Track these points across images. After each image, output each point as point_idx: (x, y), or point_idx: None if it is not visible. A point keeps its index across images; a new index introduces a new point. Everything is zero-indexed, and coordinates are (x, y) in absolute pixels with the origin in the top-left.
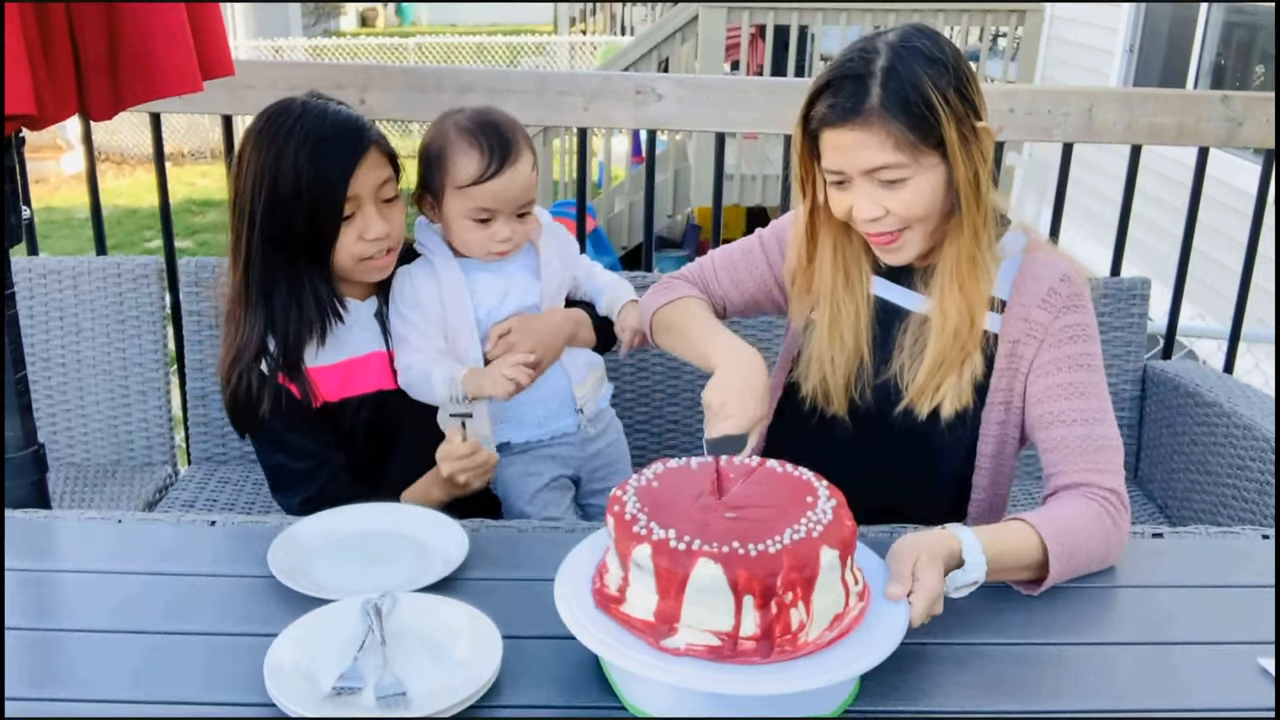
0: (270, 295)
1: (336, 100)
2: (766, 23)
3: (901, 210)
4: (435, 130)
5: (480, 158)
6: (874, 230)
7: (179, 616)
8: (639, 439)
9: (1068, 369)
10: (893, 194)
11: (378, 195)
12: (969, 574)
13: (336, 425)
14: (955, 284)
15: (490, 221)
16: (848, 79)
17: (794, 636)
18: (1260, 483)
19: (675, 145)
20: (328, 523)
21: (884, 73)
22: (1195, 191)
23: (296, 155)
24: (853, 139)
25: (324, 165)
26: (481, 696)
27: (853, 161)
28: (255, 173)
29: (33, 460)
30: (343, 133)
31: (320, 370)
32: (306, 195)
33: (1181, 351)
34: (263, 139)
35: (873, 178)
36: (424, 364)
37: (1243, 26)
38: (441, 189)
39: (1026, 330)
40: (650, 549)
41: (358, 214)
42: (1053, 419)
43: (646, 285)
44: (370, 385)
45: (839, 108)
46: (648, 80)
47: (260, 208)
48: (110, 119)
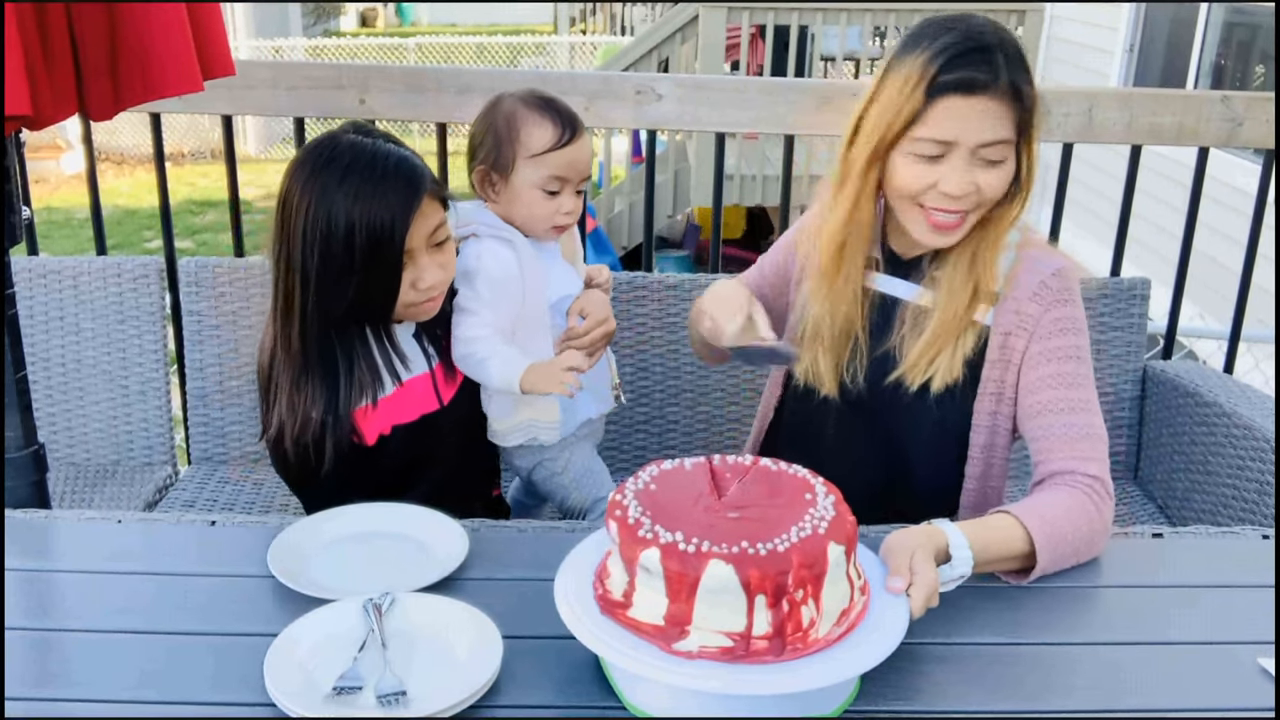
0: (329, 360)
1: (382, 134)
2: (766, 23)
3: (989, 190)
4: (494, 109)
5: (554, 126)
6: (948, 207)
7: (179, 616)
8: (639, 439)
9: (1057, 360)
10: (987, 173)
11: (430, 241)
12: (956, 568)
13: (386, 458)
14: (971, 267)
15: (559, 194)
16: (984, 49)
17: (805, 634)
18: (1260, 483)
19: (675, 145)
20: (328, 523)
21: (1006, 47)
22: (1195, 191)
23: (351, 209)
24: (982, 109)
25: (381, 219)
26: (481, 696)
27: (973, 132)
28: (306, 227)
29: (33, 460)
30: (399, 182)
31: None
32: (363, 250)
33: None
34: (310, 190)
35: (978, 153)
36: (487, 346)
37: (1243, 26)
38: (512, 160)
39: (1018, 323)
40: (659, 553)
41: (410, 264)
42: (1041, 408)
43: (646, 285)
44: (414, 411)
45: (982, 73)
46: (648, 80)
47: (314, 265)
48: (110, 119)
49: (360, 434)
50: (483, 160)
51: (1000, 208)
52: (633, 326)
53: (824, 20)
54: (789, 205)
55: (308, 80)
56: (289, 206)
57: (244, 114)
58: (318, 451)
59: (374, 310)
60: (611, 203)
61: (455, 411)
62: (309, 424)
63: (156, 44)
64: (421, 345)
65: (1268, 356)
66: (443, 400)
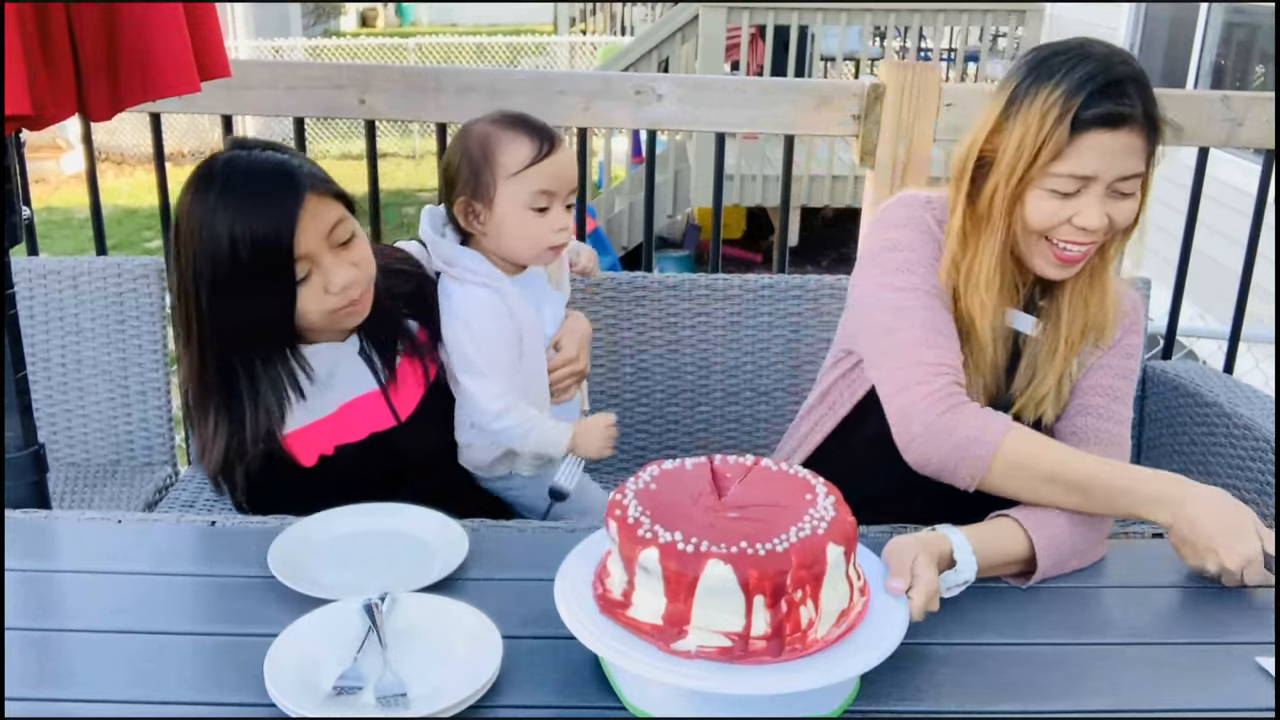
0: (231, 387)
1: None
2: (766, 23)
3: (1121, 221)
4: (466, 136)
5: (530, 140)
6: (1079, 240)
7: (179, 616)
8: (639, 439)
9: (1112, 374)
10: (1119, 205)
11: (331, 241)
12: (960, 574)
13: (330, 476)
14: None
15: (549, 209)
16: (1120, 81)
17: (804, 634)
18: (1260, 483)
19: (675, 145)
20: (328, 523)
21: (1138, 79)
22: (1195, 191)
23: (231, 225)
24: (1125, 144)
25: (262, 229)
26: (481, 696)
27: (1114, 166)
28: (194, 253)
29: (33, 460)
30: (275, 187)
31: (311, 428)
32: (250, 267)
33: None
34: (192, 213)
35: (1113, 186)
36: (519, 417)
37: (1243, 26)
38: (492, 185)
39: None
40: (658, 552)
41: (314, 270)
42: (1080, 409)
43: (646, 285)
44: (363, 430)
45: (1123, 110)
46: (648, 80)
47: (204, 290)
48: (109, 119)
49: (293, 456)
50: (461, 190)
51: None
52: (633, 326)
53: (824, 20)
54: (789, 205)
55: (308, 80)
56: (179, 233)
57: (244, 114)
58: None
59: (275, 328)
60: (611, 203)
61: (418, 427)
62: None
63: (155, 44)
64: (369, 361)
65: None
66: (399, 416)
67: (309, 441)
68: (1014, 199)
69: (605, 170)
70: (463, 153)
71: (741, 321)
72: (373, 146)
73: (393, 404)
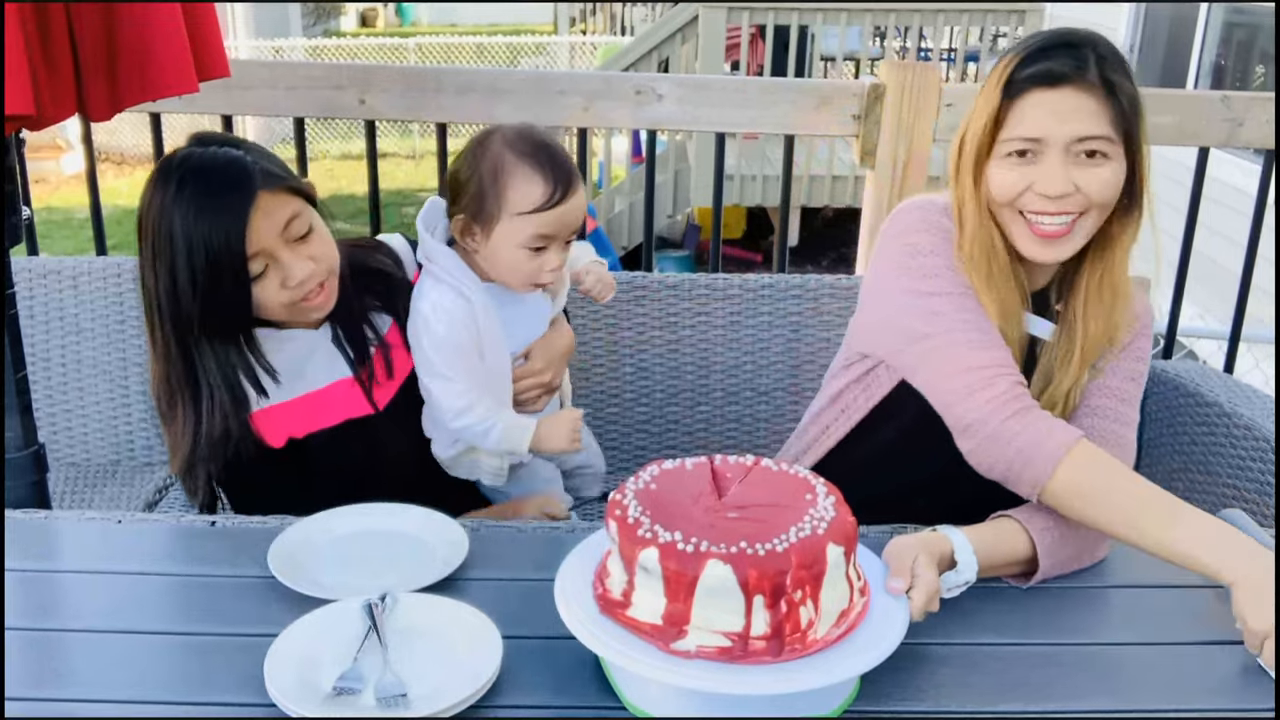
0: (194, 384)
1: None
2: (766, 23)
3: (1093, 190)
4: (480, 152)
5: (544, 184)
6: (1051, 209)
7: (179, 616)
8: (639, 439)
9: (1121, 378)
10: (1088, 170)
11: (286, 237)
12: (961, 574)
13: (304, 463)
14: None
15: (544, 250)
16: (1069, 45)
17: (803, 635)
18: (1260, 483)
19: (675, 145)
20: (328, 523)
21: (1100, 48)
22: (1195, 191)
23: (185, 225)
24: (1071, 102)
25: (211, 229)
26: (481, 696)
27: (1063, 127)
28: (152, 251)
29: (33, 460)
30: (225, 187)
31: (279, 408)
32: (204, 266)
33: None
34: (150, 212)
35: (1073, 150)
36: (481, 414)
37: (1243, 26)
38: (495, 216)
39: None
40: (658, 552)
41: (271, 265)
42: (1090, 410)
43: (646, 285)
44: (338, 415)
45: (1066, 66)
46: (648, 80)
47: (161, 289)
48: (109, 119)
49: (260, 437)
50: (464, 208)
51: (1116, 223)
52: (633, 326)
53: (824, 20)
54: (789, 205)
55: (307, 80)
56: (140, 229)
57: (244, 114)
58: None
59: (231, 323)
60: (611, 203)
61: (395, 418)
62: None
63: (153, 45)
64: (342, 348)
65: (1268, 356)
66: (376, 405)
67: (276, 422)
68: (978, 174)
69: (605, 170)
70: (474, 171)
71: (741, 321)
72: (373, 146)
73: (370, 393)
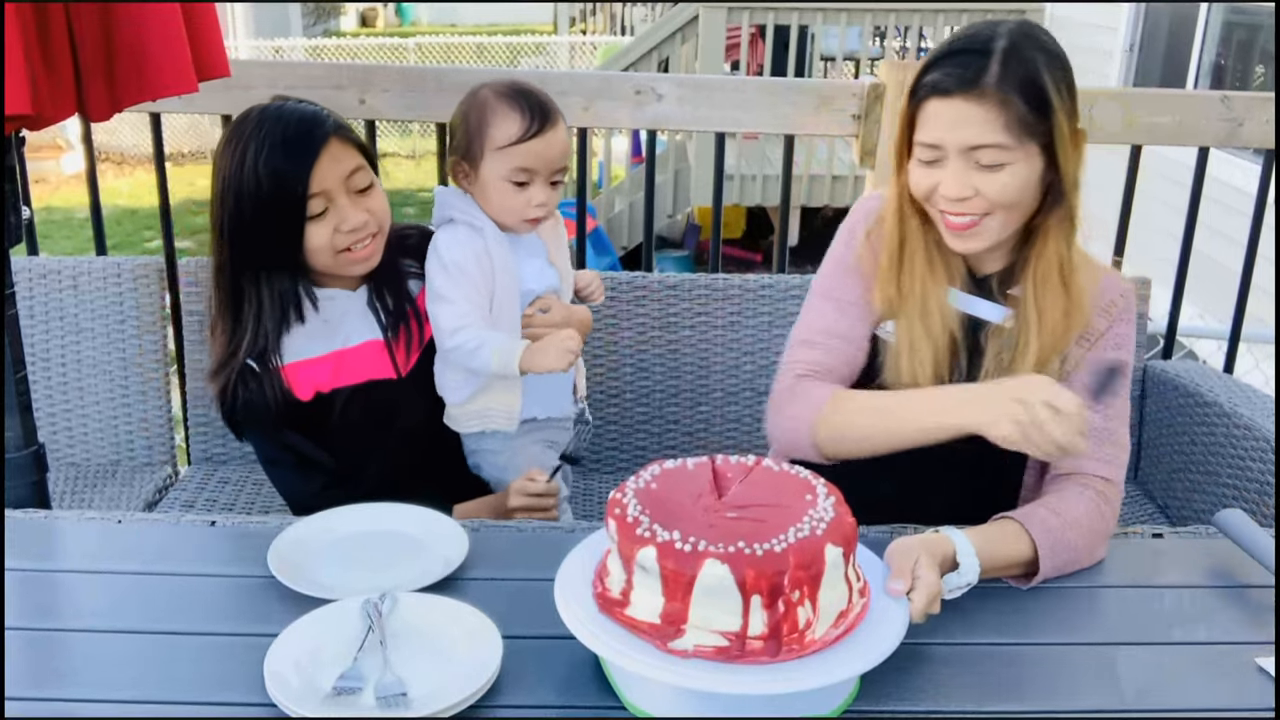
0: (241, 301)
1: (298, 99)
2: (766, 23)
3: (992, 194)
4: (470, 99)
5: (521, 118)
6: (955, 210)
7: (179, 617)
8: (639, 439)
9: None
10: (987, 176)
11: (349, 186)
12: (963, 576)
13: (325, 417)
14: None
15: (528, 185)
16: (968, 52)
17: (801, 635)
18: (1260, 483)
19: (675, 145)
20: (328, 523)
21: (1004, 52)
22: (1195, 191)
23: (256, 159)
24: (962, 112)
25: (283, 164)
26: (481, 696)
27: (955, 136)
28: (221, 182)
29: (33, 460)
30: (300, 129)
31: (310, 362)
32: (268, 197)
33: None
34: (227, 149)
35: (970, 157)
36: (474, 334)
37: (1243, 26)
38: (480, 153)
39: (1083, 334)
40: (656, 551)
41: (330, 208)
42: None
43: (646, 285)
44: (362, 375)
45: (955, 77)
46: (648, 80)
47: (226, 215)
48: (108, 119)
49: (289, 386)
50: (454, 150)
51: (1041, 216)
52: (633, 326)
53: (824, 20)
54: (789, 205)
55: (307, 80)
56: (214, 167)
57: None
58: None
59: (284, 257)
60: (611, 203)
61: (417, 384)
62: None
63: (151, 45)
64: (375, 311)
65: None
66: (400, 370)
67: (307, 376)
68: (900, 167)
69: (605, 170)
70: (464, 115)
71: (741, 321)
72: (372, 146)
73: (395, 357)
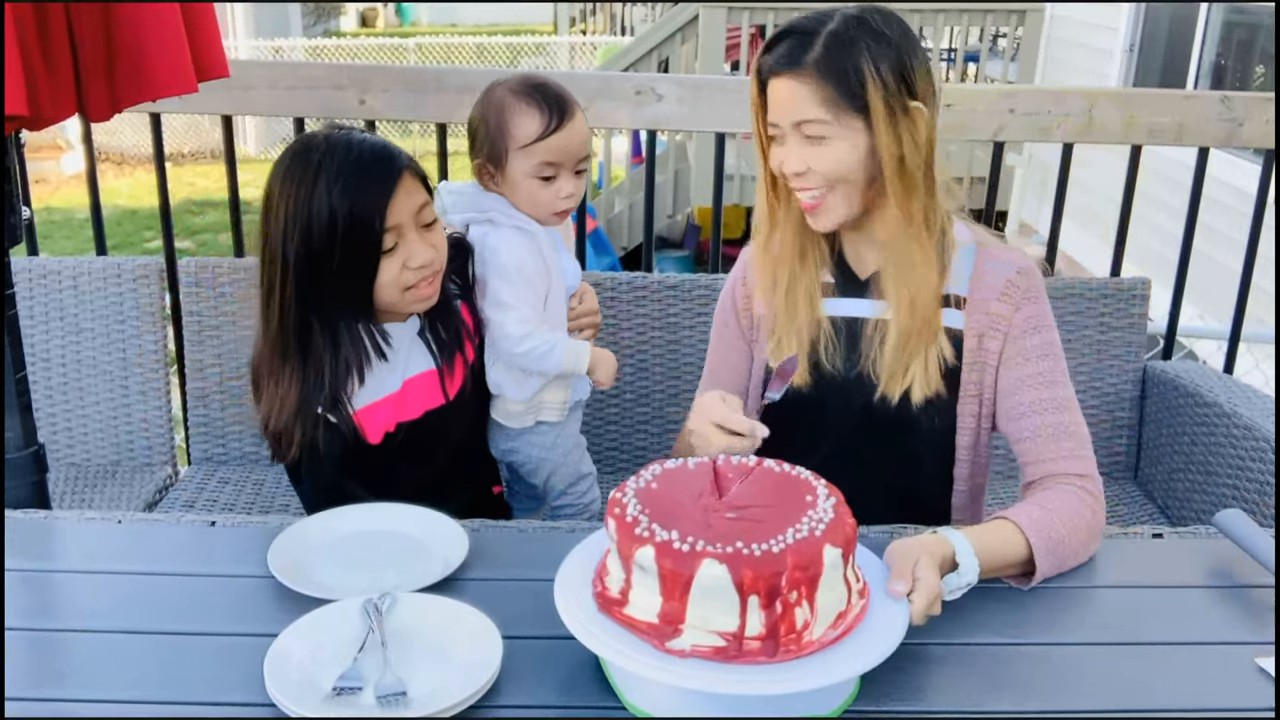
0: (308, 345)
1: (358, 128)
2: (766, 23)
3: (822, 168)
4: (486, 100)
5: (540, 114)
6: (800, 186)
7: (179, 617)
8: (639, 439)
9: (1034, 359)
10: (815, 150)
11: (417, 221)
12: (963, 576)
13: (386, 456)
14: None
15: (555, 179)
16: (797, 33)
17: (799, 636)
18: (1260, 483)
19: (675, 145)
20: (328, 523)
21: (829, 35)
22: (1195, 191)
23: (330, 192)
24: (788, 89)
25: (360, 198)
26: (481, 696)
27: (784, 112)
28: (287, 216)
29: (33, 460)
30: (375, 162)
31: (378, 404)
32: (343, 231)
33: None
34: (291, 180)
35: (800, 131)
36: (544, 338)
37: (1243, 26)
38: (504, 152)
39: (989, 323)
40: (654, 551)
41: (400, 243)
42: (1023, 410)
43: (646, 285)
44: (419, 408)
45: (782, 57)
46: (648, 80)
47: (294, 252)
48: (108, 120)
49: (363, 432)
50: (477, 153)
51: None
52: (633, 326)
53: None
54: None
55: (307, 80)
56: (271, 200)
57: (244, 114)
58: (306, 440)
59: (355, 294)
60: (611, 203)
61: (460, 405)
62: (292, 411)
63: (150, 45)
64: (426, 343)
65: (1268, 356)
66: (448, 395)
67: (377, 418)
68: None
69: (605, 170)
70: (482, 117)
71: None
72: None
73: (445, 384)
